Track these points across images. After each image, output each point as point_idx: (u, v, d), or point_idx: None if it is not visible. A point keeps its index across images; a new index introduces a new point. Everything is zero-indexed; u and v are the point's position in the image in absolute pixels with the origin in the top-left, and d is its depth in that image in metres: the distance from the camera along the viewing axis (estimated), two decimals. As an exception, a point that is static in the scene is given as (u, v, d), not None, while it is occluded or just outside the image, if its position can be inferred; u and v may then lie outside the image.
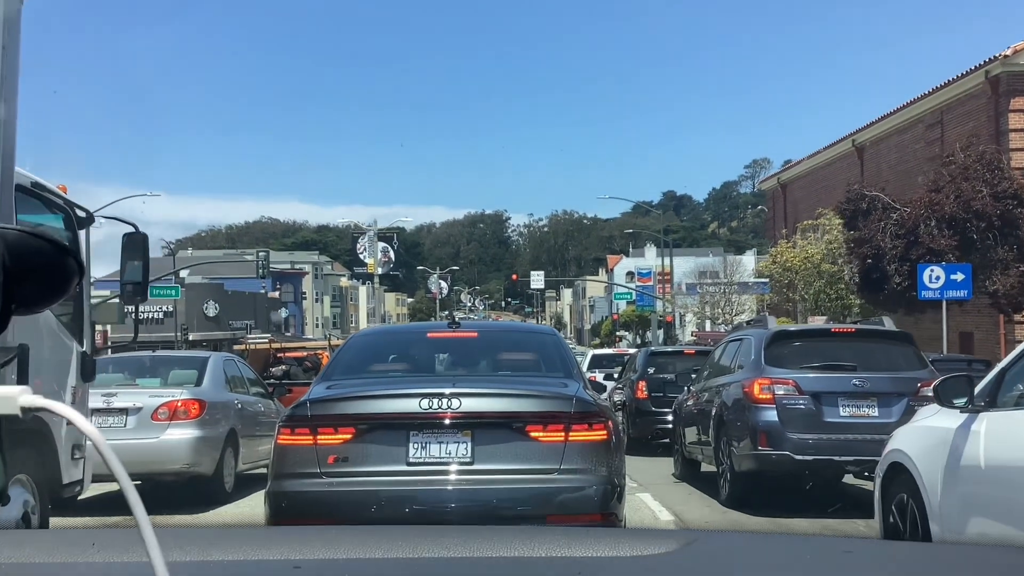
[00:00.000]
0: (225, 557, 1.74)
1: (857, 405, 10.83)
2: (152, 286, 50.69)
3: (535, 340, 8.72)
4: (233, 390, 13.03)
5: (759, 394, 10.93)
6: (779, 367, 11.18)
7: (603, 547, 1.82)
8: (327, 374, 7.47)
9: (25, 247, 1.19)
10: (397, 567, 1.72)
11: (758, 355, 11.46)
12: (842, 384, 10.93)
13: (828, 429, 10.71)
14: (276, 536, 2.12)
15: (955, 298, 21.66)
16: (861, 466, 10.64)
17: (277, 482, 6.48)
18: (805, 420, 10.76)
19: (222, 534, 2.17)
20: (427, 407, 6.36)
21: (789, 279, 35.64)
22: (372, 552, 1.79)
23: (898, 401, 10.79)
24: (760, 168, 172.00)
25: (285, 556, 1.73)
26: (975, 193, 23.84)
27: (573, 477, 6.35)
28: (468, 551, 1.78)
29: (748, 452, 10.95)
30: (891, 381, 11.02)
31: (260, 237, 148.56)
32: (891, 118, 37.70)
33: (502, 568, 1.71)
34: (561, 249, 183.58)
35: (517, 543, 1.81)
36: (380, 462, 6.36)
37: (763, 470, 10.97)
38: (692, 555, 1.80)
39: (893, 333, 12.23)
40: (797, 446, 10.66)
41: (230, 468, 12.21)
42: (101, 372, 12.27)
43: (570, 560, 1.74)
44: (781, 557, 1.90)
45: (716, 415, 12.05)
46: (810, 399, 10.83)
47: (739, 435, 11.22)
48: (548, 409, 6.48)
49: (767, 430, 10.77)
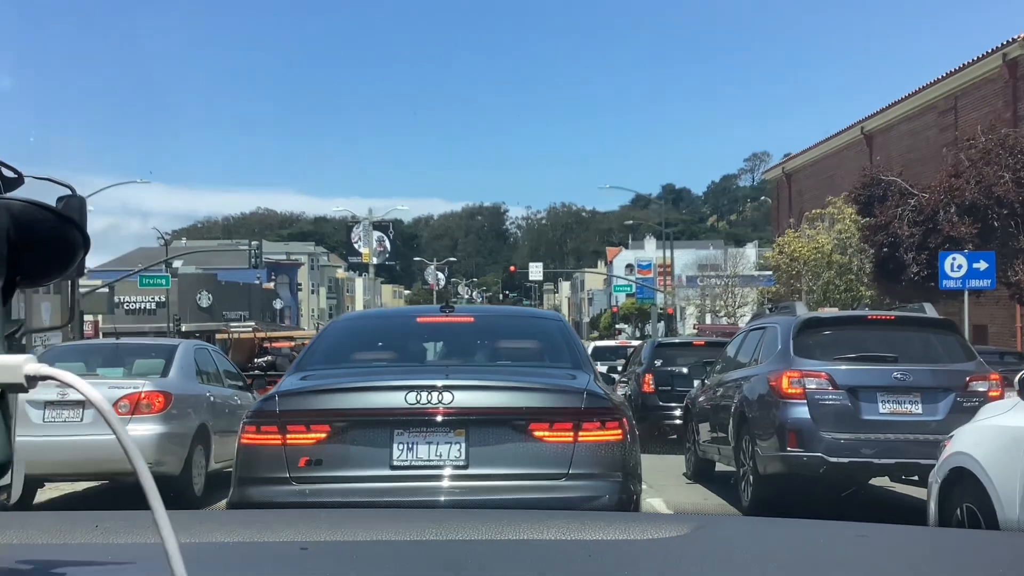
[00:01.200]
0: (231, 539, 1.80)
1: (899, 401, 9.71)
2: (142, 275, 50.18)
3: (538, 326, 7.71)
4: (206, 382, 11.92)
5: (788, 388, 9.78)
6: (810, 358, 10.05)
7: (612, 531, 1.86)
8: (302, 364, 6.58)
9: (30, 218, 1.20)
10: (404, 549, 1.75)
11: (786, 345, 10.30)
12: (882, 377, 9.80)
13: (866, 428, 9.60)
14: (282, 518, 2.15)
15: (978, 287, 20.63)
16: (903, 470, 9.68)
17: (240, 489, 5.64)
18: (840, 418, 9.65)
19: (228, 517, 2.46)
20: (414, 402, 5.48)
21: (796, 270, 34.60)
22: (379, 534, 1.84)
23: (944, 396, 9.72)
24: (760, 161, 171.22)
25: (291, 538, 1.80)
26: (997, 178, 22.85)
27: (584, 484, 5.49)
28: (476, 534, 1.82)
29: (774, 453, 9.84)
30: (936, 374, 9.93)
31: (257, 228, 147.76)
32: (902, 104, 36.84)
33: (510, 551, 1.73)
34: (559, 242, 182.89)
35: (525, 526, 1.85)
36: (359, 466, 5.53)
37: (792, 473, 9.82)
38: (703, 539, 1.82)
39: (936, 321, 11.08)
40: (831, 447, 9.52)
41: (200, 467, 11.12)
42: (59, 361, 11.26)
43: (578, 543, 1.77)
44: (794, 541, 1.92)
45: (736, 411, 10.92)
46: (845, 394, 9.71)
47: (764, 434, 10.10)
48: (554, 404, 5.67)
49: (796, 429, 9.64)
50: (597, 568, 1.63)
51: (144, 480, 1.05)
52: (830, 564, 1.70)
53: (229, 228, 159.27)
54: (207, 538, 1.76)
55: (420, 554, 1.71)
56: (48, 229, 1.22)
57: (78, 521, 1.95)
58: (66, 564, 1.54)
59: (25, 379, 1.11)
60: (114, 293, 51.56)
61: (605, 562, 1.65)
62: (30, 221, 1.20)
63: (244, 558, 1.72)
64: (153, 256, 65.94)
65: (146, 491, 1.06)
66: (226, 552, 1.71)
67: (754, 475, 10.25)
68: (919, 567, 1.73)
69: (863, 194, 26.55)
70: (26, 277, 1.24)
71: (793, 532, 2.07)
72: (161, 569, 1.07)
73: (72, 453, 9.74)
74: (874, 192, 25.92)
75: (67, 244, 1.24)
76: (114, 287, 50.69)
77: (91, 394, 1.06)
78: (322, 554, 1.68)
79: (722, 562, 1.72)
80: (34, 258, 1.22)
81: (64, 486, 11.72)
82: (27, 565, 1.51)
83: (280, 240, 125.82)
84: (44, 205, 1.23)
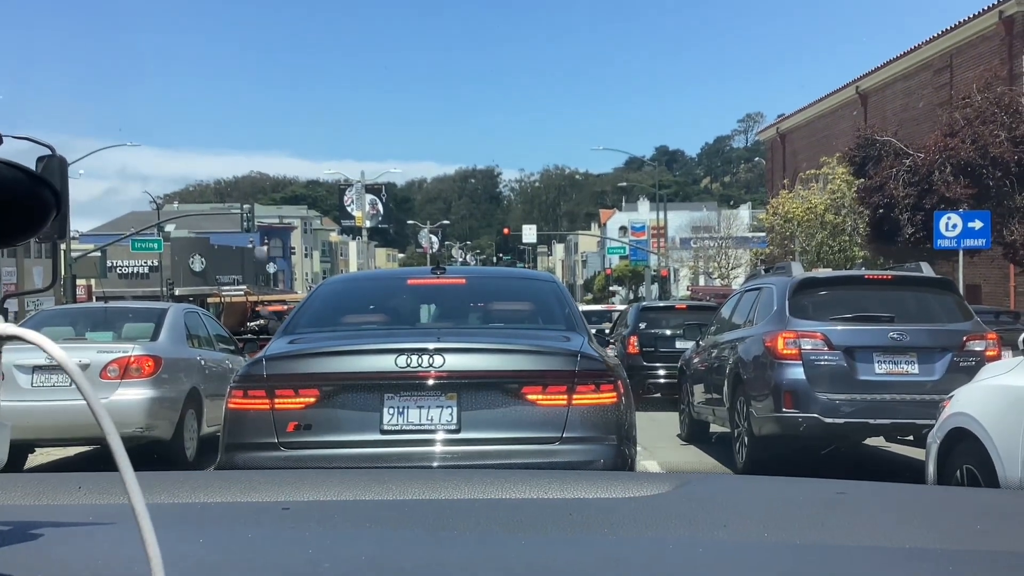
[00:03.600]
0: (213, 499, 1.81)
1: (895, 361, 9.66)
2: (134, 239, 49.91)
3: (532, 288, 7.58)
4: (197, 346, 11.80)
5: (783, 349, 9.73)
6: (806, 319, 9.99)
7: (595, 489, 1.88)
8: (290, 327, 6.43)
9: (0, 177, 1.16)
10: (387, 509, 1.74)
11: (781, 305, 10.24)
12: (878, 337, 9.74)
13: (862, 388, 9.54)
14: (264, 479, 2.11)
15: (973, 247, 20.53)
16: (899, 430, 9.68)
17: (228, 455, 5.53)
18: (836, 378, 9.61)
19: (213, 477, 2.39)
20: (405, 365, 5.36)
21: (790, 231, 34.46)
22: (361, 494, 1.85)
23: (941, 357, 9.68)
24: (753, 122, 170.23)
25: (273, 498, 1.80)
26: (992, 137, 22.66)
27: (578, 448, 5.39)
28: (460, 493, 1.84)
29: (770, 414, 9.80)
30: (933, 334, 9.88)
31: (249, 192, 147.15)
32: (896, 63, 36.56)
33: (494, 510, 1.72)
34: (553, 204, 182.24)
35: (509, 486, 1.87)
36: (349, 430, 5.42)
37: (787, 434, 9.78)
38: (685, 497, 1.84)
39: (933, 280, 10.96)
40: (827, 408, 9.49)
41: (191, 431, 11.04)
42: (47, 325, 11.15)
43: (561, 502, 1.78)
44: (774, 498, 1.95)
45: (731, 372, 10.90)
46: (841, 354, 9.66)
47: (759, 395, 10.06)
48: (548, 367, 5.53)
49: (792, 389, 9.59)
50: (578, 525, 1.62)
51: (111, 440, 1.05)
52: (804, 519, 1.71)
53: (221, 192, 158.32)
54: (188, 499, 1.76)
55: (403, 514, 1.70)
56: (19, 189, 1.18)
57: (61, 483, 1.94)
58: (47, 525, 1.52)
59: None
60: (106, 257, 51.28)
61: (585, 519, 1.65)
62: (1, 182, 1.16)
63: (225, 518, 1.71)
64: (145, 220, 65.68)
65: (113, 451, 1.05)
66: (207, 512, 1.72)
67: (749, 436, 10.23)
68: (891, 521, 1.74)
69: (857, 155, 26.36)
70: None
71: (772, 489, 2.10)
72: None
73: (61, 417, 9.65)
74: (869, 153, 25.74)
75: (39, 204, 1.21)
76: (106, 251, 50.40)
77: (58, 355, 1.06)
78: (304, 513, 1.68)
79: (701, 518, 1.70)
80: (5, 219, 1.19)
81: (55, 451, 11.65)
82: (6, 527, 1.48)
83: (273, 204, 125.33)
84: (15, 164, 1.18)
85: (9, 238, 1.23)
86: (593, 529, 1.61)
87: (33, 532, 1.47)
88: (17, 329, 1.09)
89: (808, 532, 1.63)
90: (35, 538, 1.45)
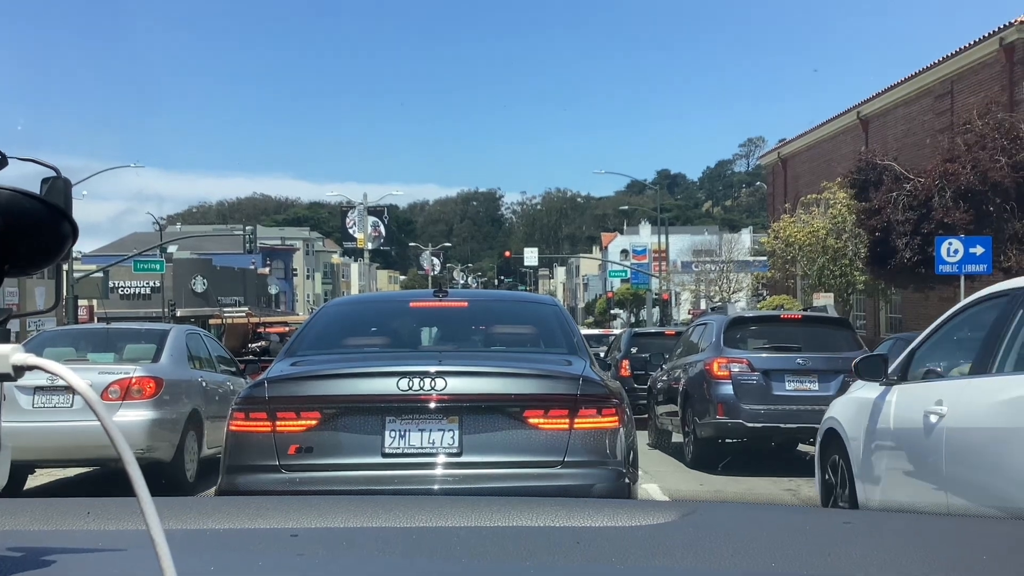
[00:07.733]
0: (221, 526, 1.80)
1: (800, 380, 12.72)
2: (136, 260, 49.98)
3: (534, 311, 7.59)
4: (198, 367, 11.80)
5: (718, 371, 12.75)
6: (735, 348, 13.04)
7: (602, 517, 1.88)
8: (292, 349, 6.45)
9: (18, 208, 1.18)
10: (394, 536, 1.74)
11: (718, 337, 13.24)
12: (788, 363, 12.83)
13: (776, 401, 12.53)
14: (272, 505, 2.12)
15: (974, 273, 20.50)
16: (803, 433, 12.39)
17: (229, 477, 5.53)
18: (756, 393, 12.58)
19: (218, 503, 2.35)
20: (407, 388, 5.36)
21: (791, 255, 34.42)
22: (369, 521, 1.85)
23: (835, 377, 12.41)
24: (755, 146, 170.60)
25: (282, 524, 1.80)
26: (993, 163, 22.65)
27: (579, 471, 5.39)
28: (466, 521, 1.83)
29: (708, 420, 12.76)
30: (830, 360, 12.77)
31: (252, 213, 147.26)
32: (898, 89, 36.60)
33: (501, 538, 1.72)
34: (555, 227, 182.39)
35: (515, 513, 1.88)
36: (350, 453, 5.42)
37: (720, 436, 12.99)
38: (692, 525, 1.86)
39: (834, 319, 14.42)
40: (749, 415, 12.49)
41: (192, 453, 11.04)
42: (49, 346, 11.16)
43: (568, 530, 1.78)
44: (781, 527, 1.96)
45: (683, 390, 13.78)
46: (761, 375, 12.69)
47: (701, 406, 12.94)
48: (550, 391, 5.53)
49: (724, 402, 12.58)
50: (585, 554, 1.62)
51: (130, 467, 1.05)
52: (811, 549, 1.74)
53: (224, 213, 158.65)
54: (197, 525, 1.76)
55: (411, 541, 1.70)
56: (37, 219, 1.20)
57: (69, 508, 1.94)
58: (57, 551, 1.52)
59: (12, 369, 1.11)
60: (108, 278, 51.27)
61: (594, 548, 1.65)
62: (19, 211, 1.18)
63: (234, 544, 1.71)
64: (148, 241, 65.74)
65: (132, 478, 1.05)
66: (216, 538, 1.71)
67: (694, 438, 13.18)
68: (897, 551, 1.76)
69: (858, 178, 26.38)
70: (14, 267, 1.22)
71: (778, 518, 2.12)
72: (152, 556, 1.06)
73: (62, 439, 9.65)
74: (869, 176, 25.75)
75: (56, 234, 1.23)
76: (108, 272, 50.45)
77: (77, 384, 1.05)
78: (313, 541, 1.68)
79: (708, 548, 1.71)
80: (22, 248, 1.21)
81: (55, 472, 11.63)
82: (18, 552, 1.48)
83: (275, 225, 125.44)
84: (32, 194, 1.20)
85: (26, 267, 1.25)
86: (601, 558, 1.62)
87: (45, 559, 1.46)
88: (37, 360, 1.10)
89: (815, 562, 1.64)
90: (47, 564, 1.45)
